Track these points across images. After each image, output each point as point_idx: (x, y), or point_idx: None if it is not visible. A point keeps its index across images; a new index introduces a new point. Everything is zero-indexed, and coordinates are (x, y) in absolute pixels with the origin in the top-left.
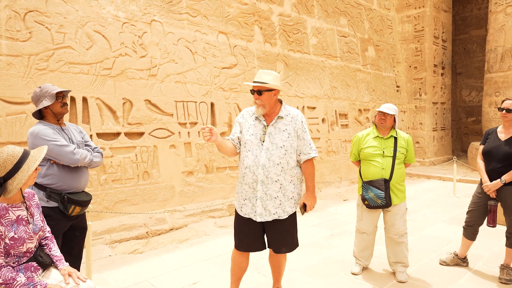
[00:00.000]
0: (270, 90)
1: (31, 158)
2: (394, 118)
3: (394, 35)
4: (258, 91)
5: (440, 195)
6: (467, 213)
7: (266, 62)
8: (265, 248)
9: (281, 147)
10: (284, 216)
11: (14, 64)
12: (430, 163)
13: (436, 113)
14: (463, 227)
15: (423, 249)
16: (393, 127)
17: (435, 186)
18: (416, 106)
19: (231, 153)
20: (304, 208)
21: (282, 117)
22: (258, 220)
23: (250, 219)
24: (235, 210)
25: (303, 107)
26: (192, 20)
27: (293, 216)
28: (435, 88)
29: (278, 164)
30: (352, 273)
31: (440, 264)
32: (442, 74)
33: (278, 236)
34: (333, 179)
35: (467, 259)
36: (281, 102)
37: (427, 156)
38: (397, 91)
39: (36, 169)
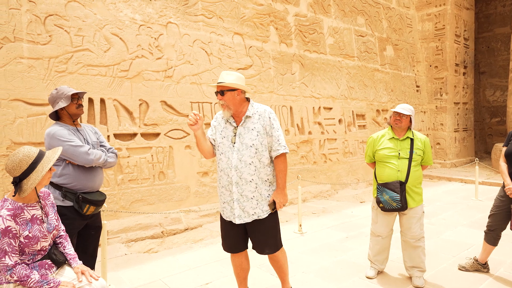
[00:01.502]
0: (233, 90)
1: (45, 159)
2: (410, 118)
3: (413, 34)
4: (220, 92)
5: (461, 198)
6: (489, 217)
7: (281, 63)
8: (247, 248)
9: (251, 146)
10: (263, 215)
11: (35, 67)
12: (451, 164)
13: (457, 114)
14: (485, 232)
15: (442, 253)
16: (409, 128)
17: (456, 189)
18: (436, 106)
19: (208, 151)
20: (274, 205)
21: (250, 116)
22: (237, 222)
23: (230, 221)
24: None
25: (319, 107)
26: (207, 21)
27: (273, 216)
28: (456, 88)
29: (250, 164)
30: (367, 277)
31: (459, 269)
32: (464, 74)
33: (260, 237)
34: (350, 181)
35: (488, 265)
36: (249, 101)
37: (448, 157)
38: (417, 91)
39: (50, 169)
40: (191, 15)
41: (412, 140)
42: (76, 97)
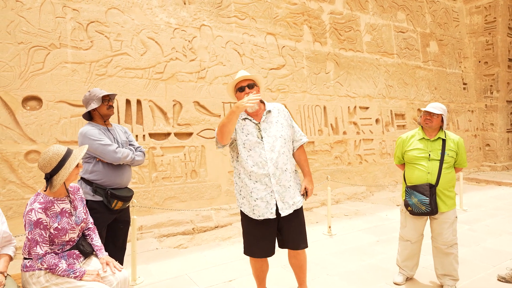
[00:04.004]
0: (257, 86)
1: (73, 157)
2: (442, 118)
3: (460, 28)
4: (249, 85)
5: (510, 204)
6: None
7: (315, 62)
8: (274, 253)
9: (280, 137)
10: (299, 204)
11: (77, 71)
12: (502, 168)
13: (511, 113)
14: None
15: (481, 262)
16: (441, 128)
17: (506, 194)
18: (486, 105)
19: (228, 133)
20: (306, 193)
21: (270, 111)
22: (283, 214)
23: (264, 221)
24: (241, 216)
25: (355, 107)
26: (240, 23)
27: (302, 210)
28: (510, 85)
29: (282, 154)
30: (394, 283)
31: (498, 280)
32: None
33: (295, 230)
34: (387, 183)
35: None
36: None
37: (499, 160)
38: (464, 88)
39: (78, 166)
40: (224, 17)
41: (444, 140)
42: (107, 99)
